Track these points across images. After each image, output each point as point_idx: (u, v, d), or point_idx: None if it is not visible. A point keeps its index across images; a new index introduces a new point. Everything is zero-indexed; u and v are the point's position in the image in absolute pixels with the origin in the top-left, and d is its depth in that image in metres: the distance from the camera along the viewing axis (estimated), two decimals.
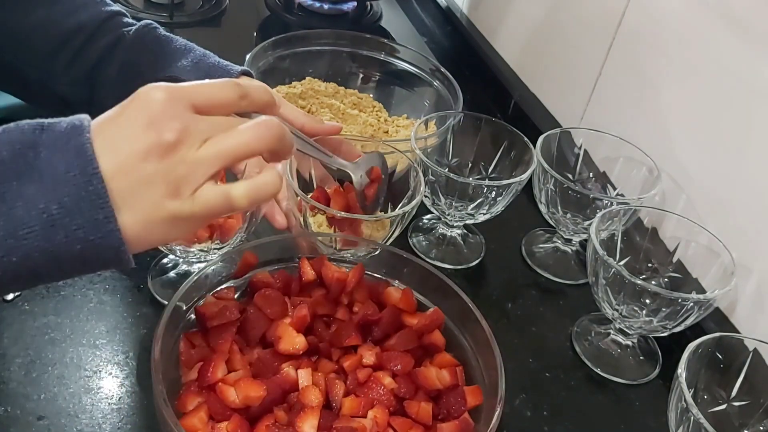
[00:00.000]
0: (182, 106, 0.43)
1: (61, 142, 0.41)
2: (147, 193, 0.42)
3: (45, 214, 0.40)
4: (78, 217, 0.41)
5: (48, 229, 0.40)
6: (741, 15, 0.71)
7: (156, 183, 0.42)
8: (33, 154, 0.41)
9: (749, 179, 0.71)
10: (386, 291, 0.64)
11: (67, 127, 0.42)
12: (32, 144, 0.41)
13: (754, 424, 0.63)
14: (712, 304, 0.66)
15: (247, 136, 0.44)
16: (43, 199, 0.40)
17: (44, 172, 0.41)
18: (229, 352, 0.57)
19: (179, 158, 0.42)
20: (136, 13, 1.12)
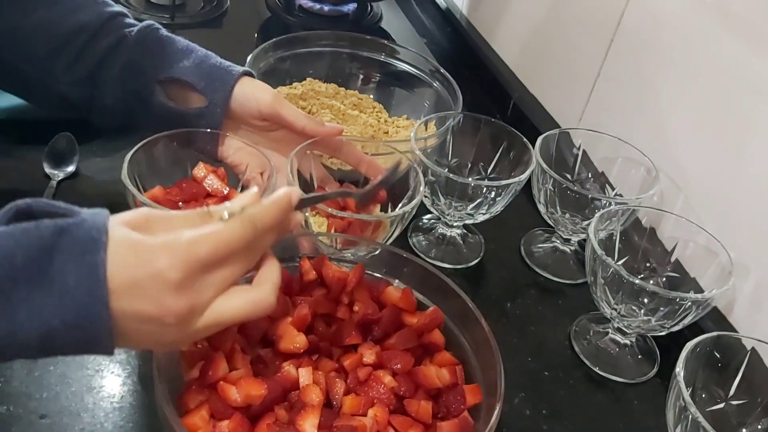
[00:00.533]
0: (195, 280, 0.45)
1: (76, 252, 0.42)
2: (144, 338, 0.46)
3: (46, 326, 0.42)
4: (76, 333, 0.43)
5: (46, 337, 0.42)
6: (739, 15, 0.71)
7: (149, 336, 0.46)
8: (47, 260, 0.42)
9: (748, 179, 0.71)
10: (386, 290, 0.65)
11: (85, 238, 0.43)
12: (48, 248, 0.42)
13: (752, 423, 0.63)
14: (710, 303, 0.67)
15: (247, 312, 0.49)
16: (48, 311, 0.42)
17: (54, 281, 0.42)
18: (230, 351, 0.58)
19: (175, 335, 0.46)
20: (137, 14, 1.13)
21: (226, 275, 0.47)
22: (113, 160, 0.85)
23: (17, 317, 0.41)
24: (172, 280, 0.44)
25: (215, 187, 0.71)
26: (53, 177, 0.81)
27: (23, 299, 0.41)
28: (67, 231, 0.43)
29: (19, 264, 0.41)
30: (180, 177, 0.73)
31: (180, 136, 0.73)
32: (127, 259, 0.43)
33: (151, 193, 0.68)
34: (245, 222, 0.47)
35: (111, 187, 0.80)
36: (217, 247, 0.46)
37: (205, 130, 0.74)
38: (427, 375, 0.59)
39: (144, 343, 0.48)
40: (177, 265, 0.44)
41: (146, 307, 0.44)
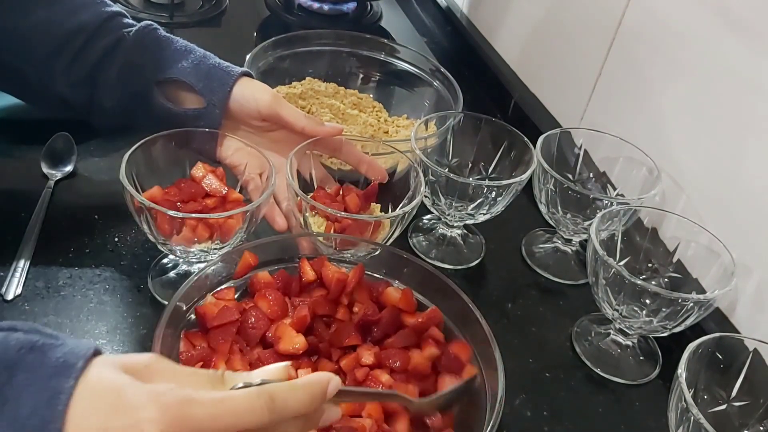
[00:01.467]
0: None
1: (43, 374, 0.36)
2: None
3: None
4: None
5: None
6: (740, 15, 0.71)
7: None
8: (5, 377, 0.36)
9: (749, 179, 0.71)
10: (386, 291, 0.65)
11: (57, 360, 0.37)
12: (10, 365, 0.36)
13: (754, 425, 0.63)
14: (712, 304, 0.66)
15: None
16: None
17: (9, 401, 0.36)
18: (229, 353, 0.57)
19: None
20: (136, 14, 1.12)
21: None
22: (111, 159, 0.84)
23: None
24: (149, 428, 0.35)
25: (214, 187, 0.71)
26: (51, 177, 0.80)
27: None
28: (39, 349, 0.37)
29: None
30: (178, 177, 0.72)
31: (178, 136, 0.72)
32: (104, 401, 0.36)
33: (150, 193, 0.67)
34: (261, 398, 0.38)
35: (109, 187, 0.79)
36: (217, 416, 0.37)
37: (204, 130, 0.74)
38: (415, 358, 0.59)
39: None
40: (163, 422, 0.35)
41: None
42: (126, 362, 0.39)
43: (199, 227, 0.65)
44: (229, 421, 0.37)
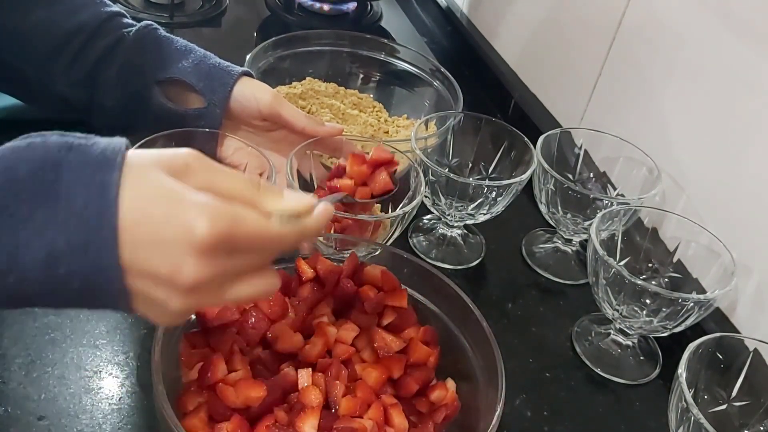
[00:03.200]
0: (219, 252, 0.40)
1: (87, 171, 0.39)
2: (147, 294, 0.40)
3: (50, 246, 0.38)
4: (83, 258, 0.38)
5: (50, 259, 0.38)
6: (741, 15, 0.71)
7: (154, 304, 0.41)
8: (54, 176, 0.38)
9: (750, 179, 0.71)
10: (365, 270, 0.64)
11: (98, 156, 0.39)
12: (56, 164, 0.39)
13: (754, 425, 0.63)
14: (712, 304, 0.66)
15: (259, 293, 0.44)
16: (53, 230, 0.38)
17: (60, 199, 0.38)
18: (229, 353, 0.57)
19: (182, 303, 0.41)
20: (136, 14, 1.12)
21: (248, 263, 0.42)
22: None
23: (20, 234, 0.38)
24: (200, 242, 0.38)
25: None
26: None
27: (26, 216, 0.38)
28: (76, 148, 0.39)
29: (23, 177, 0.38)
30: None
31: (178, 135, 0.72)
32: (157, 209, 0.39)
33: None
34: (294, 231, 0.43)
35: None
36: (257, 238, 0.41)
37: (204, 130, 0.74)
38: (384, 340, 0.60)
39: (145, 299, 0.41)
40: (213, 229, 0.39)
41: (160, 262, 0.39)
42: (165, 162, 0.41)
43: None
44: (265, 245, 0.42)
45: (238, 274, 0.42)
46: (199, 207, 0.39)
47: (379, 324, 0.62)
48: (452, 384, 0.61)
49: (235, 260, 0.41)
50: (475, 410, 0.58)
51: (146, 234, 0.39)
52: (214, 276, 0.40)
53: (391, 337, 0.61)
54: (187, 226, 0.38)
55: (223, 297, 0.43)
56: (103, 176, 0.38)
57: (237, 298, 0.43)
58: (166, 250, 0.39)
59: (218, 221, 0.39)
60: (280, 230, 0.43)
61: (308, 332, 0.61)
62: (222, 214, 0.39)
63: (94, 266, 0.39)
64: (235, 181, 0.43)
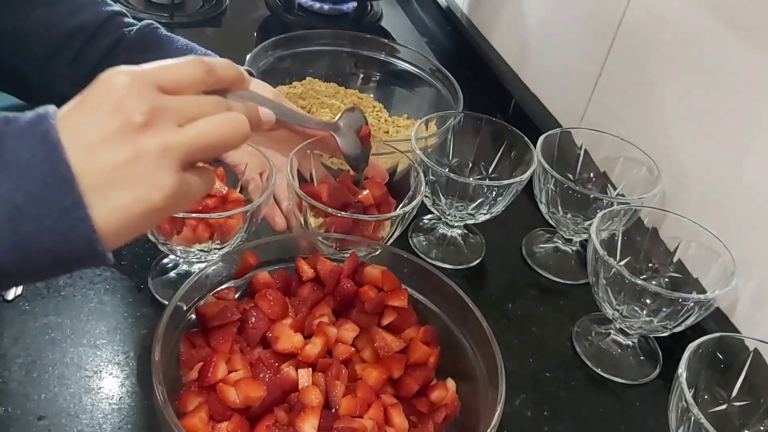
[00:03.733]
0: (148, 88, 0.41)
1: (26, 130, 0.39)
2: (120, 182, 0.39)
3: (10, 204, 0.38)
4: (44, 206, 0.38)
5: (14, 219, 0.38)
6: (741, 14, 0.71)
7: (129, 170, 0.40)
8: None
9: (750, 179, 0.71)
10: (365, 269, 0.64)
11: (32, 117, 0.40)
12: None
13: (754, 424, 0.63)
14: (712, 304, 0.66)
15: (223, 128, 0.43)
16: (8, 188, 0.38)
17: (9, 161, 0.38)
18: (229, 353, 0.57)
19: (151, 142, 0.40)
20: (136, 14, 1.12)
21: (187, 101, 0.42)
22: None
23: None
24: (121, 83, 0.40)
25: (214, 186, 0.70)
26: None
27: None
28: (13, 119, 0.40)
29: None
30: None
31: None
32: (75, 117, 0.40)
33: None
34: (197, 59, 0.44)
35: None
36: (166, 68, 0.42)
37: None
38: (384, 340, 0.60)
39: (126, 192, 0.40)
40: (132, 71, 0.41)
41: (107, 125, 0.39)
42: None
43: (200, 227, 0.65)
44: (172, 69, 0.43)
45: (185, 110, 0.42)
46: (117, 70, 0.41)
47: (379, 324, 0.62)
48: (452, 384, 0.61)
49: (170, 97, 0.42)
50: (475, 410, 0.59)
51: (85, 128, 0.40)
52: (156, 106, 0.40)
53: (392, 337, 0.61)
54: (110, 83, 0.40)
55: (188, 133, 0.42)
56: (40, 127, 0.39)
57: (201, 133, 0.42)
58: (104, 116, 0.40)
59: (135, 69, 0.41)
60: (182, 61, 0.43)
61: (308, 332, 0.61)
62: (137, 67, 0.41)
63: (59, 207, 0.38)
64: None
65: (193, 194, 0.43)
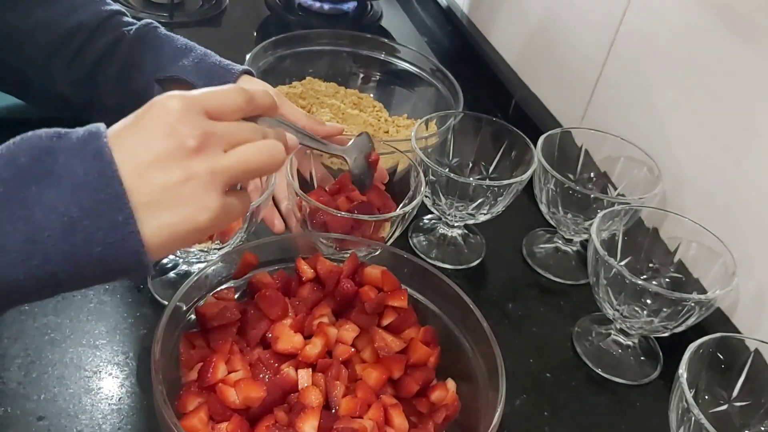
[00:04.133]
0: (198, 113, 0.44)
1: (78, 147, 0.42)
2: (170, 201, 0.42)
3: (65, 217, 0.40)
4: (97, 220, 0.41)
5: (68, 231, 0.40)
6: (742, 15, 0.71)
7: (178, 191, 0.42)
8: (51, 160, 0.41)
9: (751, 179, 0.71)
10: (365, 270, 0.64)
11: (84, 134, 0.42)
12: (50, 150, 0.41)
13: (755, 425, 0.63)
14: (713, 304, 0.66)
15: (263, 154, 0.46)
16: (63, 203, 0.40)
17: (63, 176, 0.41)
18: (229, 353, 0.57)
19: (201, 166, 0.43)
20: (136, 13, 1.12)
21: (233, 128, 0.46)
22: None
23: (35, 217, 0.40)
24: (178, 111, 0.43)
25: None
26: None
27: (36, 199, 0.40)
28: (64, 135, 0.42)
29: (24, 164, 0.41)
30: None
31: None
32: (129, 136, 0.43)
33: None
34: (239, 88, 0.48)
35: None
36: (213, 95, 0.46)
37: None
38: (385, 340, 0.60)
39: (179, 214, 0.43)
40: (184, 99, 0.44)
41: (160, 147, 0.42)
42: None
43: None
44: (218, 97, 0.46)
45: (230, 136, 0.45)
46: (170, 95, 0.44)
47: (379, 324, 0.62)
48: (452, 384, 0.61)
49: (217, 123, 0.45)
50: (475, 410, 0.58)
51: (138, 149, 0.42)
52: (207, 131, 0.44)
53: (392, 337, 0.61)
54: (163, 106, 0.43)
55: (233, 158, 0.45)
56: (93, 145, 0.42)
57: (245, 158, 0.45)
58: (158, 139, 0.42)
59: (186, 95, 0.44)
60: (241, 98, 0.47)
61: (308, 332, 0.61)
62: (188, 93, 0.45)
63: (111, 222, 0.41)
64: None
65: (234, 215, 0.47)
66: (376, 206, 0.73)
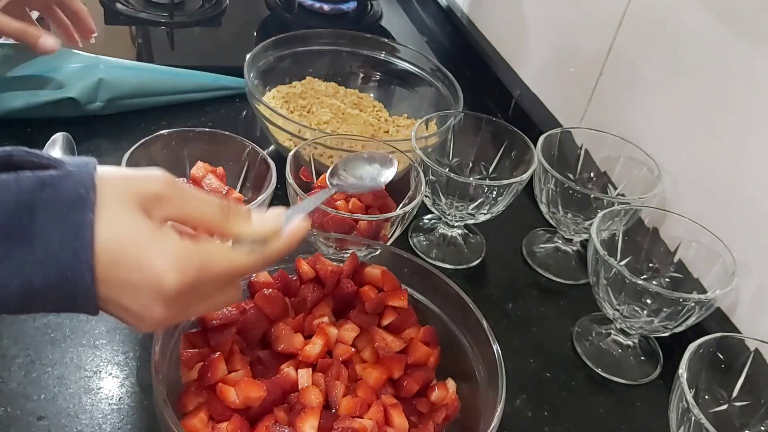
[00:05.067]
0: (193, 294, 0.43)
1: (61, 209, 0.39)
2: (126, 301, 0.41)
3: (27, 284, 0.39)
4: (57, 293, 0.39)
5: (26, 296, 0.39)
6: (743, 14, 0.71)
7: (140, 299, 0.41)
8: (28, 216, 0.38)
9: (751, 179, 0.71)
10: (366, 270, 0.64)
11: (70, 193, 0.39)
12: (29, 205, 0.38)
13: (755, 424, 0.63)
14: (713, 304, 0.66)
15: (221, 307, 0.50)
16: (29, 269, 0.38)
17: (36, 238, 0.38)
18: (229, 353, 0.57)
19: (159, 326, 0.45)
20: (136, 13, 1.12)
21: (219, 300, 0.46)
22: (111, 159, 0.83)
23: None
24: (168, 293, 0.41)
25: (214, 186, 0.71)
26: None
27: (3, 256, 0.38)
28: (49, 185, 0.39)
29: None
30: (178, 176, 0.72)
31: (178, 135, 0.72)
32: (128, 257, 0.40)
33: None
34: (262, 261, 0.46)
35: None
36: (229, 274, 0.44)
37: (204, 129, 0.74)
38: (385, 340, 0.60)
39: (128, 316, 0.43)
40: (181, 280, 0.41)
41: (131, 303, 0.41)
42: (138, 193, 0.41)
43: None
44: (232, 278, 0.45)
45: (208, 307, 0.46)
46: (168, 257, 0.41)
47: (379, 324, 0.62)
48: (452, 384, 0.61)
49: (203, 294, 0.44)
50: (475, 410, 0.58)
51: (119, 276, 0.40)
52: (182, 312, 0.44)
53: (392, 337, 0.61)
54: (157, 277, 0.40)
55: (190, 315, 0.48)
56: (76, 216, 0.39)
57: (200, 313, 0.49)
58: (137, 293, 0.41)
59: (186, 272, 0.41)
60: (248, 262, 0.45)
61: (308, 332, 0.61)
62: (190, 263, 0.41)
63: (69, 298, 0.40)
64: (204, 209, 0.44)
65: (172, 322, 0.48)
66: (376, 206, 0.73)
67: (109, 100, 0.88)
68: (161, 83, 0.93)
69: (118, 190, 0.41)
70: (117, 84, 0.89)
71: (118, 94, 0.89)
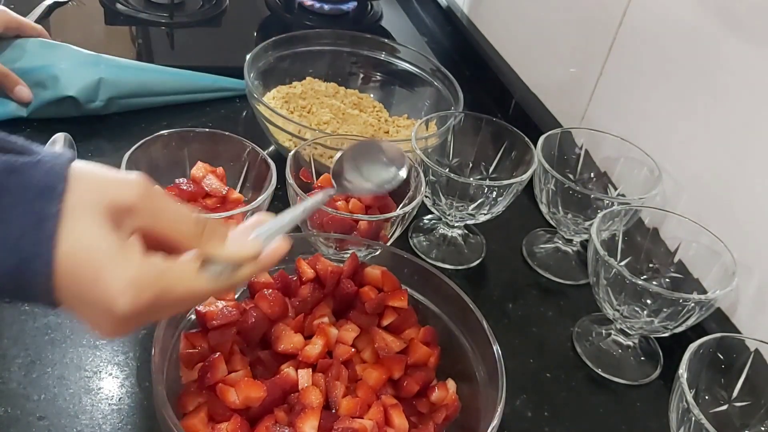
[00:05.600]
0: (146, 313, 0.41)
1: (27, 196, 0.37)
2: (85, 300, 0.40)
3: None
4: (12, 281, 0.38)
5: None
6: (742, 14, 0.71)
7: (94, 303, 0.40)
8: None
9: (751, 179, 0.71)
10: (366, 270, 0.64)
11: (40, 180, 0.38)
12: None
13: (755, 425, 0.63)
14: (713, 304, 0.66)
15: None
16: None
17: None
18: (229, 353, 0.57)
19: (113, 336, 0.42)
20: (136, 13, 1.12)
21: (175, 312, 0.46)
22: (111, 159, 0.83)
23: None
24: (119, 316, 0.39)
25: (214, 187, 0.71)
26: None
27: None
28: (19, 170, 0.37)
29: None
30: (178, 177, 0.72)
31: (178, 135, 0.72)
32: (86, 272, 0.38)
33: None
34: (227, 286, 0.44)
35: None
36: (188, 300, 0.43)
37: (204, 130, 0.74)
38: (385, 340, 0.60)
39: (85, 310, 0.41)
40: (134, 305, 0.39)
41: (84, 314, 0.40)
42: (111, 201, 0.39)
43: None
44: (190, 303, 0.45)
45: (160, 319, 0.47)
46: (125, 278, 0.39)
47: (379, 324, 0.62)
48: (453, 384, 0.61)
49: (157, 314, 0.43)
50: (475, 410, 0.58)
51: (75, 288, 0.39)
52: (135, 326, 0.42)
53: (392, 337, 0.61)
54: (111, 298, 0.38)
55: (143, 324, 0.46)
56: (41, 205, 0.37)
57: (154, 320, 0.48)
58: (90, 307, 0.40)
59: (142, 296, 0.39)
60: (211, 289, 0.43)
61: (308, 333, 0.61)
62: (148, 288, 0.39)
63: (25, 289, 0.38)
64: (177, 224, 0.42)
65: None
66: (376, 206, 0.73)
67: (109, 100, 0.88)
68: (161, 83, 0.93)
69: (90, 194, 0.39)
70: (117, 83, 0.89)
71: (118, 94, 0.89)
